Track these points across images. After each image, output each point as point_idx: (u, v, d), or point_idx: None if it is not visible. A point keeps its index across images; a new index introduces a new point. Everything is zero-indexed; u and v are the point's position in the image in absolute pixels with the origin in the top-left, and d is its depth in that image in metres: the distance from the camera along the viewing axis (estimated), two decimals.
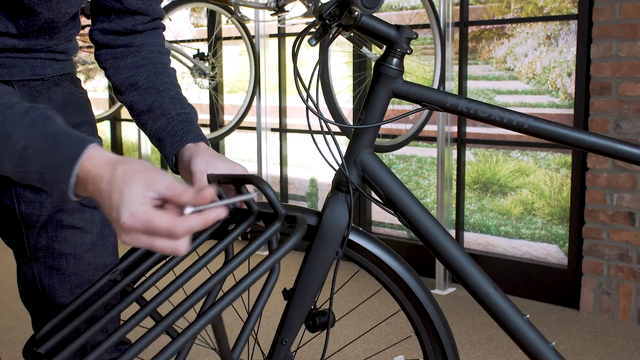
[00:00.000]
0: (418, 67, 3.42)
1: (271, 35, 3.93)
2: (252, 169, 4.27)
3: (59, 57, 1.07)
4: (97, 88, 5.31)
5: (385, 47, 1.14)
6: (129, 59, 1.12)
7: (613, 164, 2.78)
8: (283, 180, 4.08)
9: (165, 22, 3.79)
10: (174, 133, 1.05)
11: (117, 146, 5.30)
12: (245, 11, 3.15)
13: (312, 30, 1.15)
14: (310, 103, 1.15)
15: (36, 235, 1.08)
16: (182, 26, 4.42)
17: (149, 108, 1.08)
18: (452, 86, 3.26)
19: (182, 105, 1.09)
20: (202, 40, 4.37)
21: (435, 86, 2.99)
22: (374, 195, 1.20)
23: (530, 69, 3.07)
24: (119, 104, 4.37)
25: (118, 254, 1.17)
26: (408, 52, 1.13)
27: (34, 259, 1.09)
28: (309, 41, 1.12)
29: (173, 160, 1.06)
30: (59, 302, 1.10)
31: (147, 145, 4.69)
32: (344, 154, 1.17)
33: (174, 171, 1.08)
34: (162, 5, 1.37)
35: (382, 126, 1.19)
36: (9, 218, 1.09)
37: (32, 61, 1.02)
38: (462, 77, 3.25)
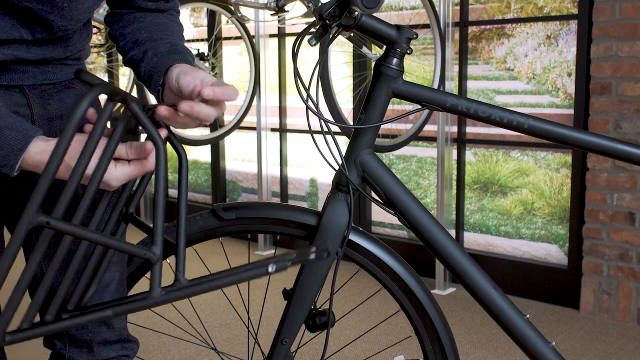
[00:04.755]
0: (418, 67, 3.42)
1: (271, 35, 3.93)
2: (252, 169, 4.27)
3: (70, 63, 1.08)
4: None
5: (385, 47, 1.14)
6: (135, 24, 1.14)
7: (613, 164, 2.78)
8: (283, 180, 4.08)
9: None
10: (161, 65, 1.05)
11: None
12: (245, 11, 3.15)
13: (312, 30, 1.15)
14: (310, 103, 1.15)
15: (45, 232, 1.09)
16: None
17: (143, 55, 1.09)
18: (452, 86, 3.26)
19: (174, 44, 1.10)
20: (202, 40, 4.37)
21: (435, 86, 2.99)
22: (374, 195, 1.20)
23: (530, 69, 3.07)
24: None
25: None
26: (408, 52, 1.13)
27: (43, 256, 1.10)
28: (309, 41, 1.12)
29: (159, 91, 1.05)
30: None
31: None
32: (344, 154, 1.17)
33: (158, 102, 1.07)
34: None
35: (382, 126, 1.19)
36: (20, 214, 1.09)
37: (44, 67, 1.03)
38: (462, 77, 3.25)
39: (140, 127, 0.90)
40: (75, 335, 1.14)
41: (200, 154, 4.57)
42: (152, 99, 3.22)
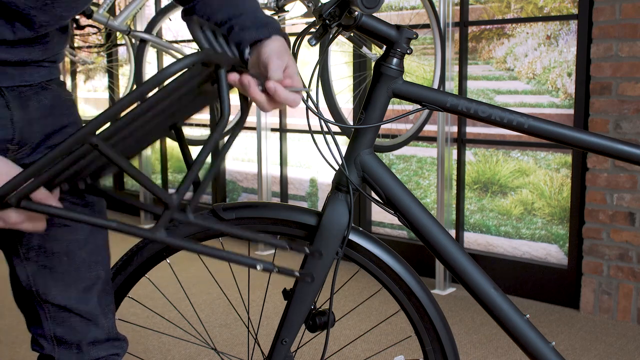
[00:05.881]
0: (418, 67, 3.42)
1: None
2: (252, 169, 4.27)
3: (46, 64, 1.08)
4: (97, 88, 5.31)
5: (385, 47, 1.14)
6: (208, 10, 1.11)
7: (613, 164, 2.78)
8: (283, 180, 4.08)
9: (165, 22, 3.76)
10: (248, 37, 1.04)
11: None
12: None
13: (312, 30, 1.15)
14: (310, 103, 1.15)
15: (28, 235, 1.08)
16: (182, 26, 4.42)
17: (229, 32, 1.08)
18: (452, 86, 3.26)
19: (257, 17, 1.08)
20: None
21: (435, 86, 2.99)
22: (374, 195, 1.21)
23: (530, 69, 3.07)
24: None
25: (109, 249, 1.17)
26: (408, 52, 1.13)
27: (26, 259, 1.09)
28: (309, 41, 1.12)
29: (247, 57, 1.05)
30: (53, 301, 1.10)
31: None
32: (344, 154, 1.17)
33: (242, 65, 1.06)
34: (162, 5, 1.37)
35: (382, 126, 1.19)
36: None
37: (21, 68, 1.03)
38: (462, 77, 3.25)
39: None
40: (63, 336, 1.12)
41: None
42: None
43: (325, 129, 1.15)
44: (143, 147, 1.08)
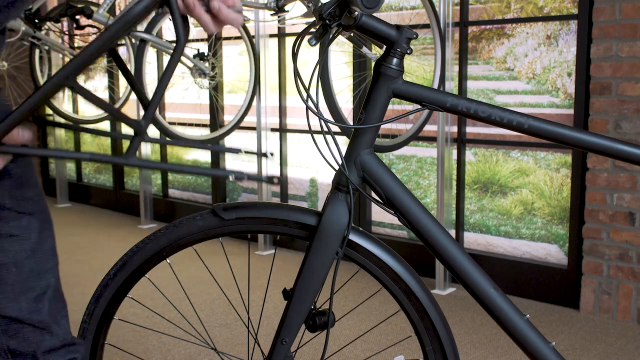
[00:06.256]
0: (418, 67, 3.42)
1: (271, 35, 3.93)
2: (252, 169, 4.27)
3: None
4: (97, 88, 5.31)
5: (385, 47, 1.14)
6: None
7: (613, 164, 2.78)
8: (283, 180, 4.08)
9: (165, 22, 3.74)
10: None
11: (116, 146, 5.30)
12: (245, 11, 3.15)
13: (312, 30, 1.16)
14: (310, 103, 1.15)
15: None
16: None
17: None
18: (452, 86, 3.26)
19: None
20: (202, 40, 4.37)
21: (435, 86, 2.99)
22: (374, 195, 1.21)
23: (530, 69, 3.07)
24: (119, 104, 4.38)
25: (57, 255, 1.15)
26: (408, 52, 1.13)
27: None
28: (309, 41, 1.12)
29: None
30: (3, 314, 1.07)
31: (146, 145, 4.69)
32: (344, 154, 1.17)
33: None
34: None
35: (382, 126, 1.19)
36: None
37: None
38: (462, 77, 3.25)
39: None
40: (17, 348, 1.09)
41: (200, 154, 4.57)
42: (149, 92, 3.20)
43: (325, 129, 1.15)
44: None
